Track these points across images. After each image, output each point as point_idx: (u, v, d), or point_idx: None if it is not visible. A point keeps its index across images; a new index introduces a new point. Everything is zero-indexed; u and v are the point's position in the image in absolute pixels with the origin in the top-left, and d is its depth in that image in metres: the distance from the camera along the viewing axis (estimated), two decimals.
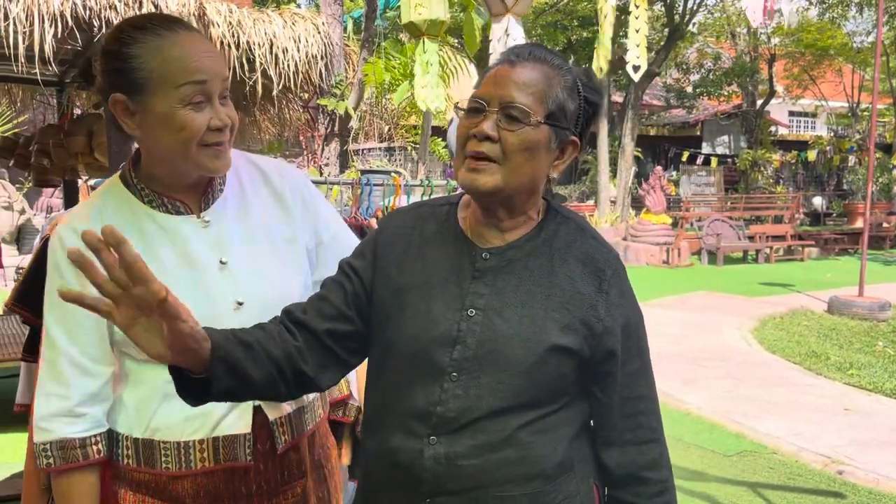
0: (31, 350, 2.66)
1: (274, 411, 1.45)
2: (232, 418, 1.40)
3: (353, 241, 1.55)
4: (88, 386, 1.35)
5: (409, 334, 1.28)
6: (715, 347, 7.37)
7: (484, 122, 1.23)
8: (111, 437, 1.40)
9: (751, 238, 15.40)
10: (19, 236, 11.43)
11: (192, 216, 1.40)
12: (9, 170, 11.57)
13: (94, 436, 1.37)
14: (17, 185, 11.97)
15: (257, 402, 1.42)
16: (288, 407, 1.47)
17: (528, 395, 1.24)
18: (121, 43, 1.30)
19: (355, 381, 2.34)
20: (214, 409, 1.38)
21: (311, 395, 1.54)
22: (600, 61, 3.21)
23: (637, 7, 2.97)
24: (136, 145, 1.43)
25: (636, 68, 3.09)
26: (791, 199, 18.33)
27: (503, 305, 1.26)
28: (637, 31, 3.01)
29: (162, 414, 1.37)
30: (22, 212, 11.55)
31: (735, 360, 6.85)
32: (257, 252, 1.43)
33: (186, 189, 1.40)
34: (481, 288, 1.28)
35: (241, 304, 1.38)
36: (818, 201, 22.24)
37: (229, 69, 3.68)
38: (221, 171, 1.38)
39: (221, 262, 1.39)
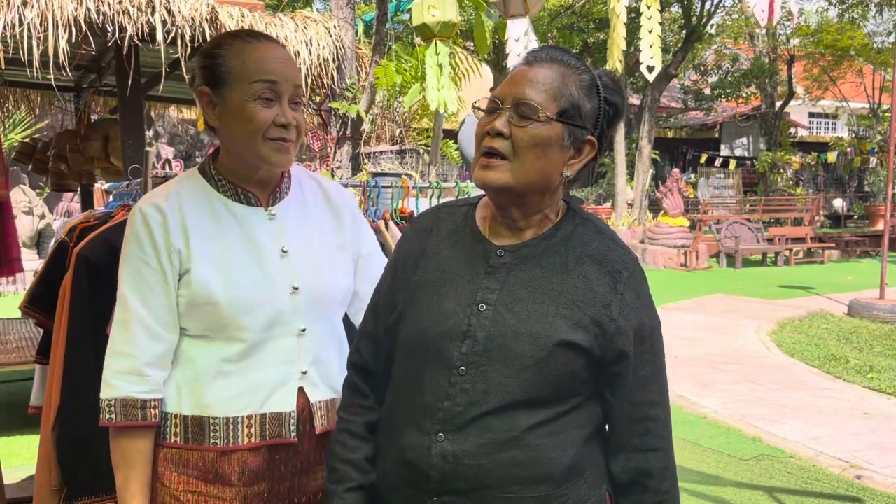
0: (45, 352, 2.69)
1: (315, 394, 1.56)
2: (278, 397, 1.51)
3: (383, 260, 1.70)
4: (155, 349, 1.47)
5: (420, 328, 1.31)
6: (732, 351, 7.30)
7: (497, 119, 1.26)
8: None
9: (770, 240, 15.25)
10: (39, 240, 11.54)
11: (261, 208, 1.55)
12: (29, 175, 11.71)
13: (154, 400, 1.48)
14: (38, 190, 12.10)
15: (301, 384, 1.54)
16: (327, 393, 1.58)
17: (535, 391, 1.23)
18: (213, 45, 1.52)
19: None
20: (262, 386, 1.50)
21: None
22: (614, 61, 3.19)
23: (649, 7, 2.94)
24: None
25: (650, 69, 3.06)
26: (811, 201, 18.12)
27: (514, 301, 1.26)
28: (650, 32, 2.98)
29: (214, 390, 1.48)
30: (42, 216, 11.67)
31: (753, 364, 6.78)
32: (314, 248, 1.58)
33: (257, 184, 1.55)
34: (493, 283, 1.29)
35: (296, 289, 1.52)
36: (839, 203, 22.00)
37: None
38: (283, 166, 1.53)
39: (283, 250, 1.53)
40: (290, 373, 1.52)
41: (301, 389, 1.54)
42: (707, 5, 18.44)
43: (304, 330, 1.53)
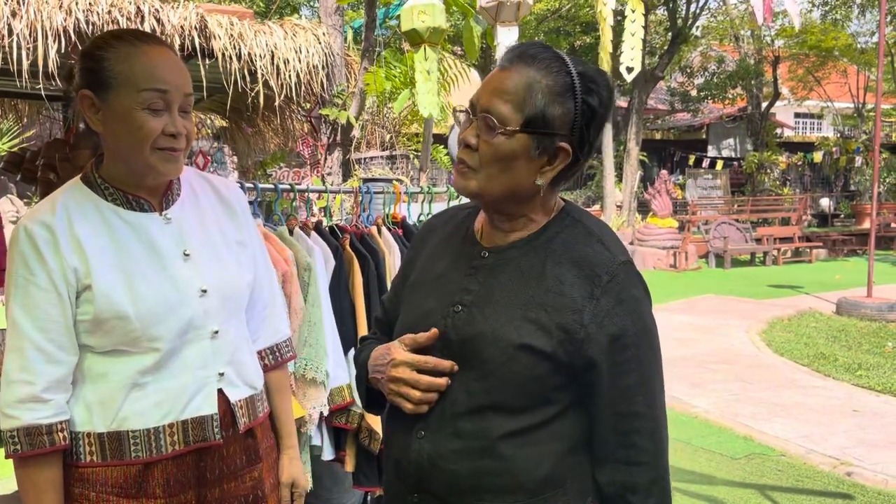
0: None
1: (234, 394, 1.54)
2: (198, 401, 1.48)
3: (265, 253, 1.72)
4: (54, 373, 1.40)
5: (406, 327, 1.34)
6: (723, 350, 7.35)
7: (468, 130, 1.25)
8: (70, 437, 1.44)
9: (758, 240, 15.35)
10: None
11: (155, 213, 1.50)
12: (17, 185, 11.64)
13: (60, 422, 1.41)
14: (25, 200, 12.03)
15: (220, 385, 1.51)
16: (245, 391, 1.57)
17: (501, 395, 1.23)
18: (96, 46, 1.43)
19: None
20: (181, 393, 1.46)
21: (261, 385, 1.64)
22: (604, 66, 3.23)
23: (633, 11, 2.98)
24: None
25: (629, 70, 3.10)
26: (798, 201, 18.26)
27: (487, 303, 1.27)
28: (633, 35, 3.02)
29: (131, 403, 1.43)
30: None
31: (743, 363, 6.83)
32: (214, 247, 1.55)
33: (147, 190, 1.49)
34: (472, 284, 1.30)
35: (204, 291, 1.48)
36: (825, 202, 22.16)
37: (231, 81, 3.73)
38: (172, 175, 1.48)
39: (185, 253, 1.49)
40: (207, 376, 1.48)
41: (220, 391, 1.51)
42: (692, 7, 18.57)
43: (216, 332, 1.49)
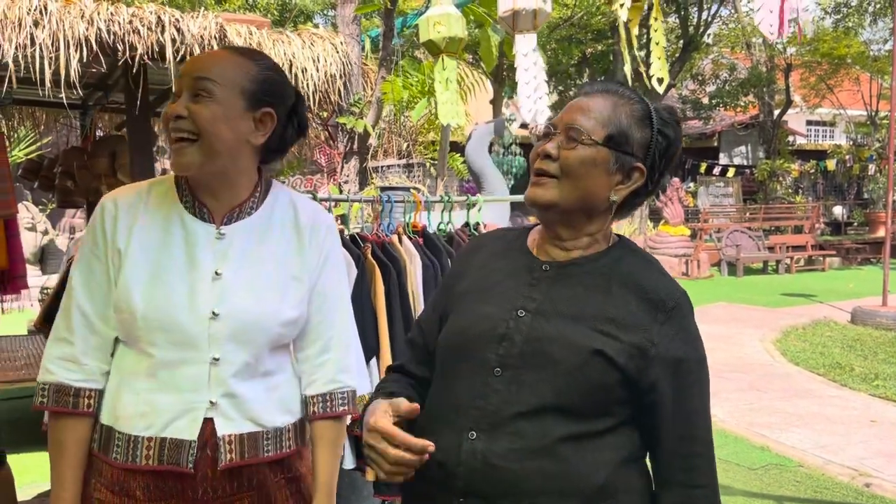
0: None
1: (225, 427, 1.45)
2: (182, 423, 1.43)
3: (341, 295, 1.63)
4: (91, 340, 1.46)
5: (459, 328, 1.35)
6: (737, 359, 7.31)
7: (549, 143, 1.32)
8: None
9: (771, 249, 15.29)
10: (42, 257, 11.55)
11: (212, 225, 1.49)
12: (32, 191, 11.74)
13: (90, 390, 1.46)
14: (41, 207, 12.13)
15: (210, 414, 1.43)
16: (243, 427, 1.47)
17: (567, 398, 1.24)
18: None
19: None
20: (166, 409, 1.43)
21: (277, 424, 1.52)
22: (626, 72, 3.23)
23: (656, 20, 2.99)
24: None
25: (661, 81, 3.10)
26: (811, 209, 18.17)
27: (553, 312, 1.30)
28: (657, 44, 3.03)
29: (123, 406, 1.45)
30: (45, 233, 11.69)
31: (758, 372, 6.79)
32: (257, 275, 1.48)
33: (210, 194, 1.49)
34: (536, 293, 1.33)
35: (216, 315, 1.43)
36: (838, 211, 22.05)
37: None
38: (177, 171, 1.46)
39: (217, 273, 1.46)
40: (196, 401, 1.42)
41: (211, 420, 1.43)
42: (704, 15, 18.56)
43: (216, 359, 1.42)
